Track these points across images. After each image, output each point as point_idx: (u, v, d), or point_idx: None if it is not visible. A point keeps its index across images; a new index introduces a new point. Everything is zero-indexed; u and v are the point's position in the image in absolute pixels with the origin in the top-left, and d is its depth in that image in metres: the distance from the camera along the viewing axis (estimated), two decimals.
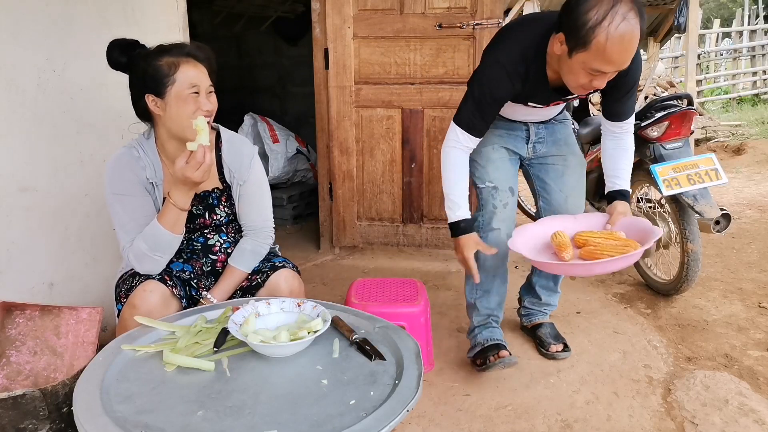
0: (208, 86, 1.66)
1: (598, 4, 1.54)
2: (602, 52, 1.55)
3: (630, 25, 1.53)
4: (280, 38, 5.41)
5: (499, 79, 1.80)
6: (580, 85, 1.69)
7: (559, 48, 1.66)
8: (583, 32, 1.55)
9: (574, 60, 1.62)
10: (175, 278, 1.74)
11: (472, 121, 1.87)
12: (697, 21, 6.48)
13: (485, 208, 2.05)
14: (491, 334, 2.09)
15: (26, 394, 1.51)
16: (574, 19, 1.57)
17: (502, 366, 1.98)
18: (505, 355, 1.99)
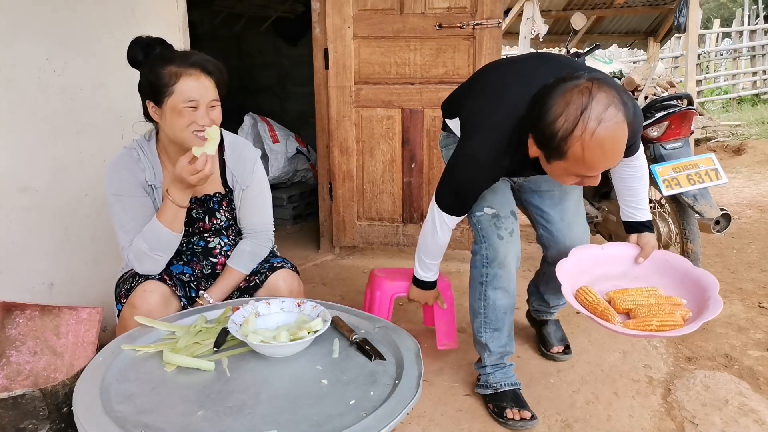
0: (211, 100, 1.61)
1: (565, 111, 1.35)
2: (581, 161, 1.38)
3: (608, 128, 1.34)
4: (280, 38, 5.40)
5: (477, 177, 1.68)
6: (572, 184, 1.54)
7: (535, 151, 1.49)
8: (555, 143, 1.38)
9: (554, 166, 1.46)
10: (175, 279, 1.74)
11: (452, 206, 1.77)
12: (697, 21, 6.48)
13: (489, 240, 1.85)
14: (505, 377, 1.93)
15: (26, 394, 1.50)
16: (543, 129, 1.39)
17: (521, 428, 1.82)
18: (527, 417, 1.82)
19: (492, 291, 1.87)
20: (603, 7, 7.80)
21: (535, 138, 1.46)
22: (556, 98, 1.38)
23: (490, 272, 1.86)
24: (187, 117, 1.59)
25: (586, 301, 1.65)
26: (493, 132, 1.60)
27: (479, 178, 1.68)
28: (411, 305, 2.80)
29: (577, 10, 7.38)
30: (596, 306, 1.62)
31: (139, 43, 1.67)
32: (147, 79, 1.62)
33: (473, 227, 1.91)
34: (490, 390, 1.93)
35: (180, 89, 1.58)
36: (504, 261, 1.84)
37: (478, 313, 1.92)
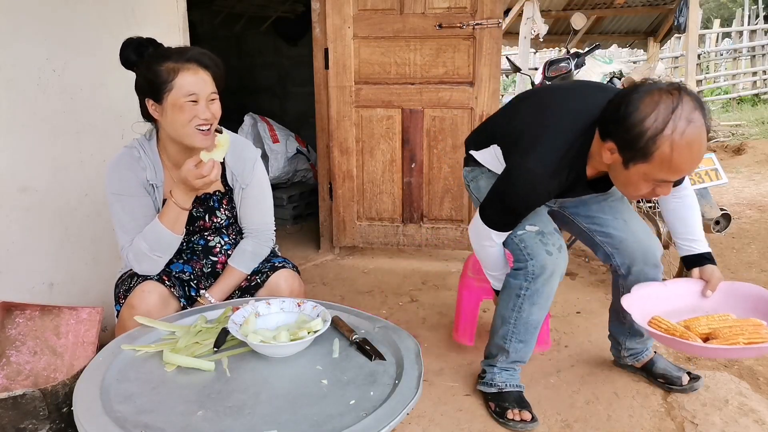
0: (210, 94, 1.62)
1: (655, 110, 1.34)
2: (668, 163, 1.36)
3: (697, 128, 1.34)
4: (280, 38, 5.40)
5: (534, 194, 1.65)
6: (640, 196, 1.53)
7: (610, 157, 1.47)
8: (642, 143, 1.36)
9: (633, 172, 1.43)
10: (174, 279, 1.75)
11: (501, 225, 1.75)
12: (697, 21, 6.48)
13: (536, 257, 1.73)
14: (511, 378, 1.92)
15: (26, 394, 1.50)
16: (628, 129, 1.37)
17: (521, 429, 1.81)
18: (527, 419, 1.81)
19: (529, 305, 1.79)
20: (603, 7, 7.80)
21: (617, 140, 1.42)
22: (642, 99, 1.37)
23: (532, 288, 1.77)
24: (188, 112, 1.58)
25: (661, 327, 1.59)
26: (554, 143, 1.58)
27: (537, 191, 1.63)
28: (411, 305, 2.81)
29: (577, 10, 7.38)
30: (674, 331, 1.56)
31: (131, 44, 1.67)
32: (145, 78, 1.62)
33: (513, 247, 1.80)
34: (494, 389, 1.92)
35: (179, 84, 1.58)
36: (550, 277, 1.75)
37: (508, 321, 1.84)
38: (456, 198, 3.27)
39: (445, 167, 3.24)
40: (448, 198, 3.28)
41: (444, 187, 3.27)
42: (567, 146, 1.57)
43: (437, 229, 3.32)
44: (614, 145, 1.44)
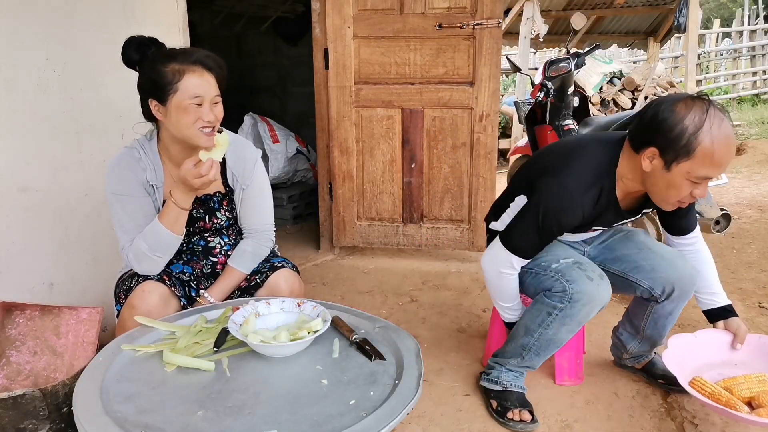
0: (214, 96, 1.62)
1: (691, 111, 1.46)
2: (710, 156, 1.46)
3: (729, 124, 1.47)
4: (280, 38, 5.40)
5: (568, 208, 1.66)
6: (680, 199, 1.57)
7: (650, 164, 1.54)
8: (684, 141, 1.46)
9: (675, 172, 1.50)
10: (175, 279, 1.75)
11: (527, 248, 1.75)
12: (697, 21, 6.48)
13: (576, 282, 1.71)
14: (516, 380, 1.92)
15: (26, 394, 1.50)
16: (669, 130, 1.47)
17: (521, 429, 1.81)
18: (527, 419, 1.81)
19: (558, 325, 1.75)
20: (603, 7, 7.80)
21: (659, 143, 1.50)
22: (674, 104, 1.49)
23: (567, 311, 1.72)
24: (193, 114, 1.59)
25: (704, 391, 1.64)
26: (583, 160, 1.67)
27: (572, 206, 1.65)
28: (411, 305, 2.81)
29: (577, 10, 7.38)
30: (719, 397, 1.62)
31: (133, 43, 1.66)
32: (149, 78, 1.61)
33: (546, 281, 1.77)
34: (499, 386, 1.90)
35: (184, 86, 1.58)
36: (589, 304, 1.71)
37: (531, 334, 1.81)
38: (456, 198, 3.27)
39: (445, 167, 3.24)
40: (448, 198, 3.28)
41: (444, 187, 3.27)
42: (596, 162, 1.66)
43: (437, 229, 3.32)
44: (655, 149, 1.52)
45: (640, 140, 1.56)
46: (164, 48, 1.69)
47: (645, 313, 1.92)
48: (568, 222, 1.69)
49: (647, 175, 1.58)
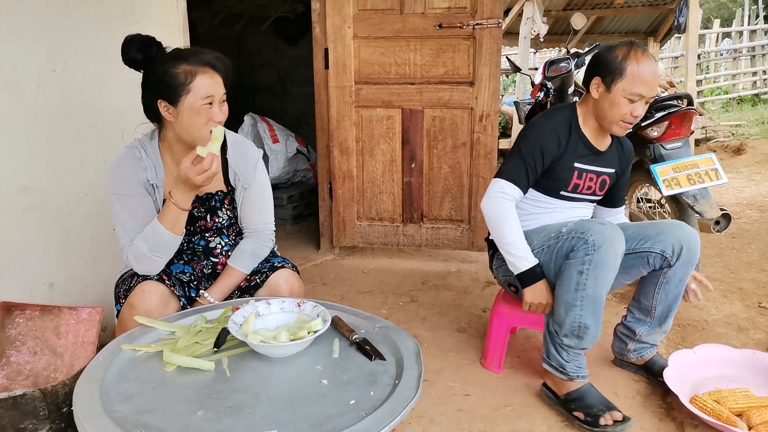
0: (222, 95, 1.65)
1: (620, 47, 1.89)
2: (638, 74, 1.83)
3: (648, 55, 1.87)
4: (280, 38, 5.40)
5: (547, 133, 1.94)
6: (621, 118, 1.88)
7: (596, 92, 1.91)
8: (616, 65, 1.85)
9: (614, 92, 1.86)
10: (174, 279, 1.74)
11: (517, 174, 1.91)
12: (697, 21, 6.48)
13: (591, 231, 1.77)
14: (581, 368, 1.87)
15: (26, 394, 1.50)
16: (607, 62, 1.88)
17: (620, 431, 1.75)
18: (619, 418, 1.76)
19: (593, 280, 1.75)
20: (603, 7, 7.79)
21: (600, 71, 1.90)
22: (607, 48, 1.93)
23: (595, 259, 1.74)
24: (205, 114, 1.61)
25: (705, 409, 1.75)
26: (552, 115, 2.02)
27: (544, 131, 1.94)
28: (411, 305, 2.81)
29: (577, 10, 7.38)
30: (720, 414, 1.73)
31: (135, 42, 1.64)
32: (161, 80, 1.60)
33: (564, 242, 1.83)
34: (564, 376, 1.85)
35: (196, 87, 1.59)
36: (612, 245, 1.75)
37: (573, 304, 1.79)
38: (456, 198, 3.27)
39: (445, 167, 3.24)
40: (448, 198, 3.28)
41: (444, 187, 3.27)
42: (560, 109, 2.06)
43: (437, 229, 3.32)
44: (599, 78, 1.91)
45: (589, 76, 1.94)
46: (161, 47, 1.68)
47: (656, 286, 1.95)
48: (548, 144, 1.92)
49: (596, 102, 1.92)
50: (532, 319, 2.06)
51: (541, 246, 1.90)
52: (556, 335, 1.86)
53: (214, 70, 1.63)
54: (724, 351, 2.05)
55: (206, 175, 1.56)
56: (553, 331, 1.88)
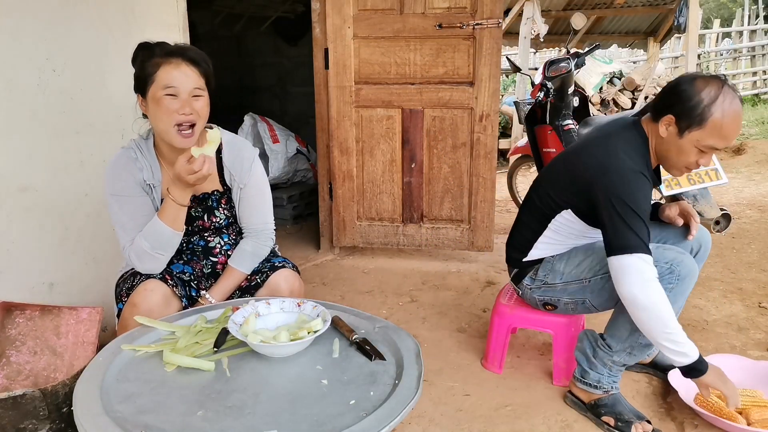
0: (192, 89, 1.60)
1: (708, 85, 1.62)
2: (719, 128, 1.61)
3: (739, 103, 1.63)
4: (280, 38, 5.40)
5: (643, 182, 1.70)
6: (686, 165, 1.72)
7: (666, 130, 1.70)
8: (699, 110, 1.61)
9: (687, 139, 1.66)
10: (176, 278, 1.75)
11: (643, 237, 1.64)
12: (697, 21, 6.48)
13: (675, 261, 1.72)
14: (616, 382, 1.85)
15: (26, 394, 1.50)
16: (687, 99, 1.63)
17: None
18: (649, 429, 1.75)
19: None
20: (603, 7, 7.80)
21: (676, 111, 1.66)
22: (694, 80, 1.66)
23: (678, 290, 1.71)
24: (166, 106, 1.58)
25: (706, 405, 1.77)
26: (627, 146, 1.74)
27: (641, 183, 1.69)
28: (411, 305, 2.81)
29: (577, 10, 7.38)
30: (721, 410, 1.73)
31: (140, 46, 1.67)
32: (135, 74, 1.64)
33: None
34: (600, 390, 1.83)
35: (159, 76, 1.58)
36: (694, 275, 1.73)
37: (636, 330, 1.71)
38: (456, 198, 3.27)
39: (445, 167, 3.24)
40: (448, 198, 3.28)
41: (444, 187, 3.27)
42: (633, 141, 1.76)
43: (437, 229, 3.32)
44: (672, 117, 1.67)
45: (661, 107, 1.71)
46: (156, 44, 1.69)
47: None
48: (650, 195, 1.73)
49: (662, 141, 1.72)
50: (534, 319, 2.06)
51: (594, 273, 1.82)
52: (606, 353, 1.81)
53: (183, 61, 1.60)
54: (739, 361, 2.03)
55: (197, 176, 1.56)
56: (599, 349, 1.82)
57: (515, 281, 2.06)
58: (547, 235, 1.93)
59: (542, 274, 1.96)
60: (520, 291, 2.06)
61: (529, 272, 1.99)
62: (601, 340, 1.83)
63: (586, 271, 1.87)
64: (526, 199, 2.02)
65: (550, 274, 1.94)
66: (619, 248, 1.65)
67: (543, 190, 1.93)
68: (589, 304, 1.90)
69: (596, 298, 1.87)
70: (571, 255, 1.92)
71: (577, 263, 1.89)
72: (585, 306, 1.92)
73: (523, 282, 2.01)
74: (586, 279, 1.87)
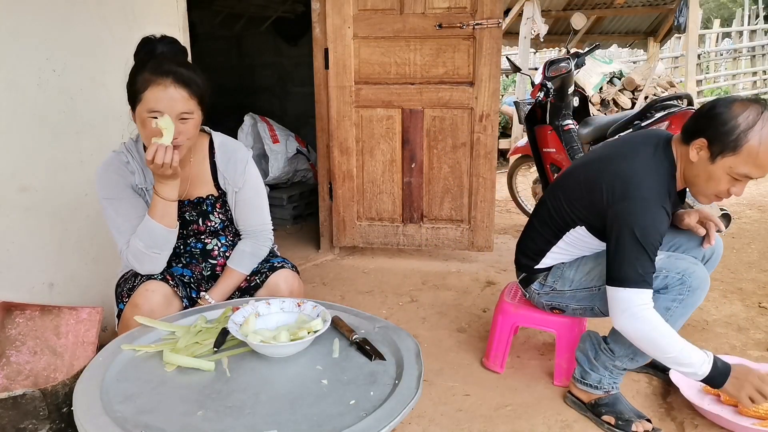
0: (180, 113, 1.56)
1: (747, 110, 1.53)
2: (755, 155, 1.52)
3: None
4: (280, 38, 5.40)
5: (659, 218, 1.62)
6: (717, 193, 1.64)
7: (697, 155, 1.61)
8: (734, 136, 1.52)
9: (718, 165, 1.57)
10: (177, 279, 1.74)
11: (648, 274, 1.60)
12: (697, 21, 6.49)
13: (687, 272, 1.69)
14: (617, 384, 1.84)
15: (26, 394, 1.50)
16: (722, 123, 1.54)
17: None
18: (649, 428, 1.75)
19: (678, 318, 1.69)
20: (603, 7, 7.80)
21: (709, 135, 1.57)
22: (731, 103, 1.57)
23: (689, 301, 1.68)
24: (150, 129, 1.54)
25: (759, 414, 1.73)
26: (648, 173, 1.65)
27: (658, 218, 1.62)
28: (411, 305, 2.81)
29: (577, 10, 7.38)
30: None
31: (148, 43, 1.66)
32: (127, 83, 1.61)
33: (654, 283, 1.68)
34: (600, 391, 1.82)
35: (146, 98, 1.55)
36: (705, 286, 1.69)
37: None
38: (456, 198, 3.27)
39: (445, 167, 3.24)
40: (448, 198, 3.28)
41: (444, 187, 3.27)
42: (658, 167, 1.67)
43: (437, 229, 3.32)
44: (705, 140, 1.58)
45: (693, 130, 1.62)
46: (176, 46, 1.68)
47: None
48: (665, 228, 1.65)
49: (691, 166, 1.64)
50: (538, 319, 2.05)
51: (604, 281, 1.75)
52: (608, 357, 1.80)
53: (174, 82, 1.54)
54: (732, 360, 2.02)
55: (156, 166, 1.50)
56: (601, 352, 1.82)
57: (523, 284, 2.05)
58: (561, 246, 1.91)
59: (551, 281, 1.95)
60: (528, 294, 2.05)
61: (538, 278, 1.98)
62: (604, 343, 1.83)
63: (596, 279, 1.84)
64: (541, 205, 1.98)
65: (560, 281, 1.93)
66: (616, 279, 1.63)
67: (559, 200, 1.87)
68: (598, 311, 1.90)
69: (605, 305, 1.83)
70: (581, 263, 1.90)
71: (587, 271, 1.87)
72: (593, 312, 1.91)
73: (531, 287, 2.00)
74: (596, 287, 1.85)
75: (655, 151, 1.69)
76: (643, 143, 1.74)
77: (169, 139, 1.53)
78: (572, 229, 1.86)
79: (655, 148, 1.70)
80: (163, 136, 1.52)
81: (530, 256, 1.99)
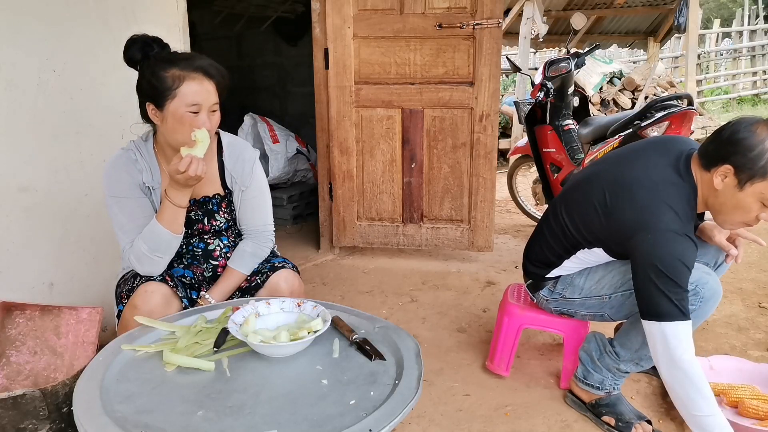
0: (212, 104, 1.61)
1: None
2: None
3: None
4: (280, 38, 5.40)
5: (689, 248, 1.56)
6: (746, 221, 1.58)
7: (722, 182, 1.55)
8: (764, 161, 1.47)
9: (748, 192, 1.52)
10: (177, 280, 1.74)
11: (680, 303, 1.54)
12: (697, 21, 6.49)
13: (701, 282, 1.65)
14: (619, 384, 1.85)
15: (26, 394, 1.50)
16: (748, 149, 1.48)
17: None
18: (649, 430, 1.76)
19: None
20: (603, 7, 7.81)
21: (735, 162, 1.51)
22: (753, 126, 1.50)
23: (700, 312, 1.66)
24: (188, 122, 1.57)
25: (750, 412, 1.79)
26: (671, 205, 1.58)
27: (685, 248, 1.56)
28: (411, 305, 2.81)
29: (577, 10, 7.38)
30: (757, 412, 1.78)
31: (137, 42, 1.64)
32: (149, 82, 1.60)
33: None
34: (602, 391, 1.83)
35: (183, 93, 1.57)
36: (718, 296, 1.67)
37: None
38: (456, 198, 3.27)
39: (445, 167, 3.24)
40: (448, 198, 3.28)
41: (444, 187, 3.27)
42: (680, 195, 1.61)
43: (437, 229, 3.32)
44: (730, 167, 1.52)
45: (714, 157, 1.55)
46: (168, 49, 1.68)
47: None
48: (693, 257, 1.59)
49: (715, 193, 1.57)
50: (544, 320, 2.04)
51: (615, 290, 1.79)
52: (613, 360, 1.80)
53: (205, 77, 1.60)
54: (739, 363, 2.04)
55: (185, 177, 1.53)
56: (606, 354, 1.82)
57: (531, 290, 2.03)
58: (572, 260, 1.88)
59: (560, 288, 1.93)
60: (536, 299, 2.03)
61: (546, 284, 1.96)
62: (609, 346, 1.82)
63: (606, 287, 1.83)
64: (551, 213, 1.92)
65: (569, 288, 1.91)
66: (650, 314, 1.57)
67: (574, 222, 1.81)
68: (608, 317, 1.89)
69: (615, 313, 1.84)
70: (591, 271, 1.88)
71: (597, 279, 1.85)
72: (602, 318, 1.91)
73: (540, 293, 1.99)
74: (606, 296, 1.83)
75: (676, 175, 1.62)
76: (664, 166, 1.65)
77: (203, 153, 1.55)
78: (587, 249, 1.82)
79: (676, 172, 1.63)
80: (198, 147, 1.55)
81: (539, 266, 1.96)
